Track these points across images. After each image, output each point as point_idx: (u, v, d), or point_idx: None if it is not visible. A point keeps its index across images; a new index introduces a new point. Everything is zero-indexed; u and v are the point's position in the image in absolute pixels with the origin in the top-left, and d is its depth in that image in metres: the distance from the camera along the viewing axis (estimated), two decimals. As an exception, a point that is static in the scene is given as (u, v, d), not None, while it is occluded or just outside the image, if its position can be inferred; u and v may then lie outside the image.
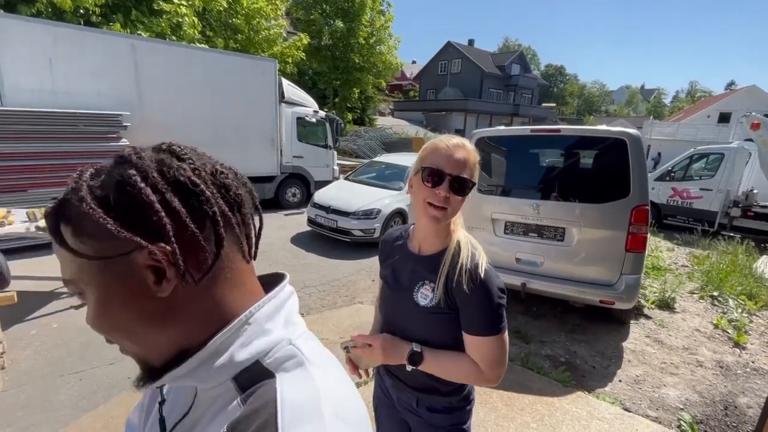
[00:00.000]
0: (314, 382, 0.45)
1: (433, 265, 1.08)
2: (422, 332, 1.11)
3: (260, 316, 0.48)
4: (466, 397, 1.23)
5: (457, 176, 1.01)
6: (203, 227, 0.44)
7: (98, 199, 0.41)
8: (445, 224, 1.07)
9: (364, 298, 4.43)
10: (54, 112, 5.33)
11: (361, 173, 7.83)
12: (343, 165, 12.01)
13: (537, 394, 2.73)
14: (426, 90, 40.17)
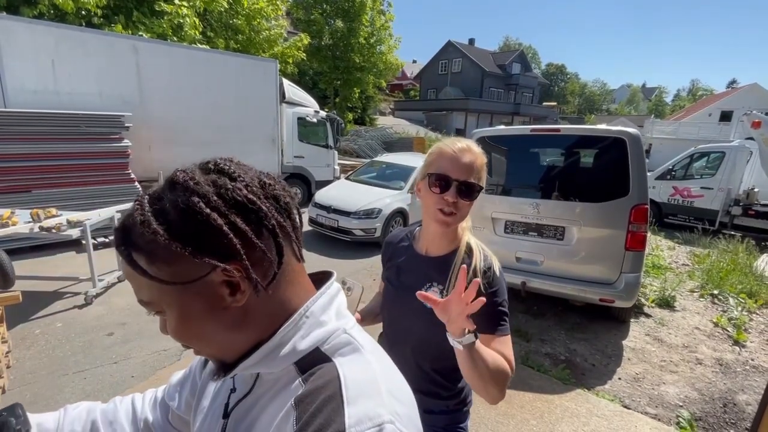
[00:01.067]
0: (370, 364, 0.50)
1: (441, 267, 1.07)
2: (427, 333, 1.09)
3: (316, 309, 0.53)
4: (463, 400, 1.22)
5: (464, 181, 1.00)
6: (265, 239, 0.48)
7: (169, 228, 0.43)
8: (455, 228, 1.07)
9: (366, 297, 4.44)
10: (57, 113, 5.37)
11: (361, 173, 7.85)
12: (344, 165, 12.02)
13: (537, 391, 2.75)
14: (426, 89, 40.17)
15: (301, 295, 0.54)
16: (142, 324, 3.58)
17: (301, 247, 0.56)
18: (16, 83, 5.38)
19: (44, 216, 3.88)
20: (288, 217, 0.52)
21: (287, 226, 0.51)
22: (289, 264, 0.52)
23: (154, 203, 0.46)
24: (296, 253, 0.54)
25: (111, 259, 4.52)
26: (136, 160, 6.04)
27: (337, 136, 9.74)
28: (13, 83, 5.36)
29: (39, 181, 5.23)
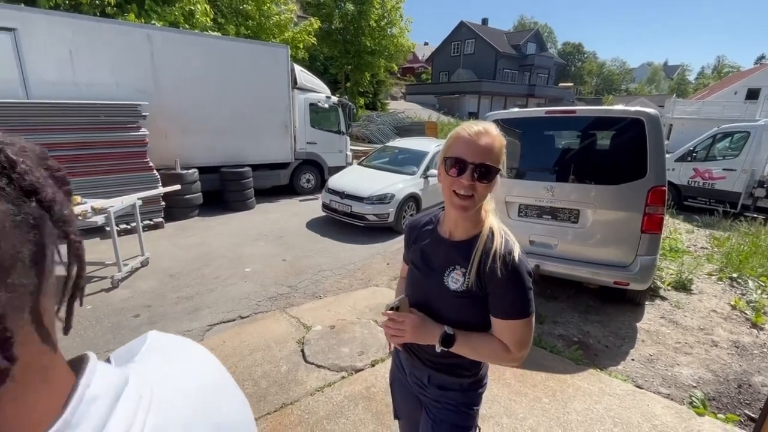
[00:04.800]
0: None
1: (464, 251, 1.10)
2: (451, 314, 1.13)
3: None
4: (479, 380, 1.25)
5: (480, 164, 1.01)
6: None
7: None
8: (476, 211, 1.09)
9: (379, 281, 4.53)
10: (77, 103, 5.50)
11: (374, 158, 7.86)
12: (356, 150, 12.03)
13: (549, 371, 2.80)
14: (439, 72, 39.47)
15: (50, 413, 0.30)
16: (167, 306, 3.74)
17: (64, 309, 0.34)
18: (36, 75, 5.52)
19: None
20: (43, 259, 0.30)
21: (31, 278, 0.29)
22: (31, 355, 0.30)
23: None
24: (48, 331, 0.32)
25: (134, 245, 4.69)
26: (153, 149, 6.17)
27: (349, 122, 9.72)
28: (34, 75, 5.50)
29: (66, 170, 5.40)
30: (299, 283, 4.41)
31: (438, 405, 1.24)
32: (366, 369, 2.86)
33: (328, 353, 3.04)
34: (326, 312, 3.72)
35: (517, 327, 1.06)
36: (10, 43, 5.31)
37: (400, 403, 1.44)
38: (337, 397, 2.54)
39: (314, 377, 2.76)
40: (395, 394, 1.45)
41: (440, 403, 1.24)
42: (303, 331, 3.37)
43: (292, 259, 5.09)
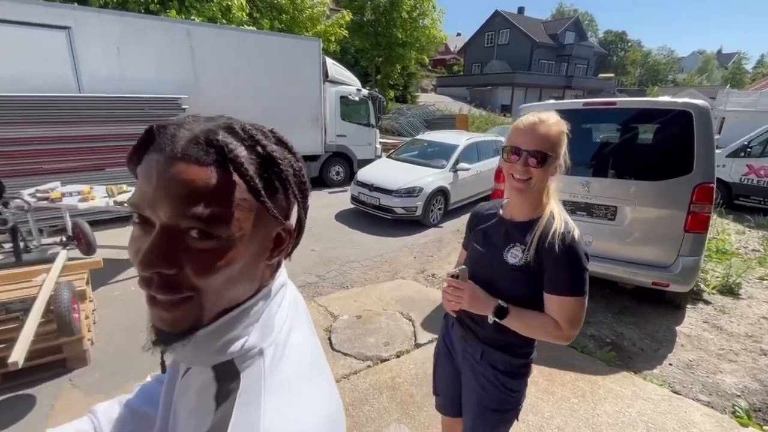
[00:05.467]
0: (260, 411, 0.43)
1: (524, 230, 1.20)
2: (508, 287, 1.22)
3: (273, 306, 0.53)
4: (527, 364, 1.31)
5: (533, 151, 1.12)
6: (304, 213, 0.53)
7: (258, 172, 0.45)
8: (536, 195, 1.18)
9: (406, 273, 4.54)
10: (124, 97, 5.82)
11: (403, 151, 7.84)
12: (385, 143, 12.03)
13: (579, 371, 2.73)
14: (471, 64, 38.61)
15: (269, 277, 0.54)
16: (203, 291, 3.92)
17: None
18: (88, 70, 5.87)
19: (117, 192, 4.30)
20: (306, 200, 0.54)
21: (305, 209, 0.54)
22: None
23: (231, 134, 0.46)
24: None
25: (174, 232, 4.94)
26: (192, 140, 6.43)
27: (378, 115, 9.73)
28: (86, 70, 5.86)
29: (111, 160, 5.75)
30: (327, 273, 4.50)
31: (484, 385, 1.32)
32: (391, 359, 2.90)
33: (354, 342, 3.10)
34: (353, 302, 3.79)
35: (569, 304, 1.13)
36: (65, 40, 5.68)
37: (441, 379, 1.53)
38: (363, 385, 2.60)
39: (340, 365, 2.82)
40: (438, 370, 1.55)
41: (487, 382, 1.31)
42: (330, 319, 3.45)
43: (320, 249, 5.20)
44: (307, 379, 0.51)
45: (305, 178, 0.52)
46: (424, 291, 4.08)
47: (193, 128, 0.45)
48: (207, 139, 0.43)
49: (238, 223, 0.44)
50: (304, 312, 0.61)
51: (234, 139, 0.45)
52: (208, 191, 0.42)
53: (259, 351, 0.48)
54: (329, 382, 0.56)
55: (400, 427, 2.23)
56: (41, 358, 2.53)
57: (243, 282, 0.48)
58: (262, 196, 0.44)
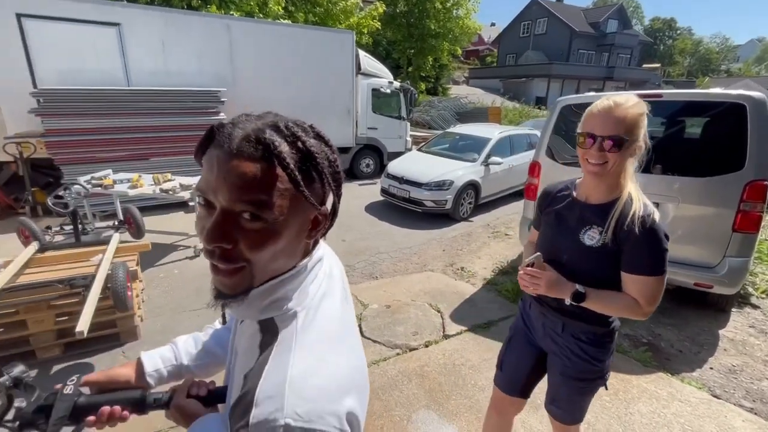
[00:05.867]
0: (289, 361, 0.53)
1: (601, 212, 1.22)
2: (584, 268, 1.25)
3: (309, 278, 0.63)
4: (611, 332, 1.33)
5: (607, 136, 1.13)
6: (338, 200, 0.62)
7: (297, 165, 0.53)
8: (613, 178, 1.20)
9: (435, 266, 4.57)
10: (169, 90, 6.13)
11: (434, 144, 7.81)
12: (416, 136, 11.98)
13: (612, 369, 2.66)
14: (505, 55, 37.52)
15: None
16: (240, 275, 4.11)
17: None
18: (136, 65, 6.22)
19: (163, 180, 4.56)
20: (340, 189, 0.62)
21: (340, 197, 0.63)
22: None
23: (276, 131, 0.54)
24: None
25: (213, 219, 5.19)
26: (229, 131, 6.68)
27: (410, 107, 9.70)
28: (134, 65, 6.20)
29: (156, 150, 6.09)
30: (357, 263, 4.60)
31: (568, 356, 1.36)
32: (420, 349, 2.95)
33: (384, 330, 3.17)
34: (382, 292, 3.86)
35: (649, 283, 1.16)
36: (116, 36, 6.03)
37: (511, 355, 1.58)
38: (392, 372, 2.67)
39: (370, 351, 2.91)
40: (510, 345, 1.59)
41: (571, 353, 1.35)
42: (360, 308, 3.54)
43: (351, 240, 5.30)
44: (333, 340, 0.59)
45: (339, 168, 0.60)
46: (453, 284, 4.10)
47: (246, 127, 0.53)
48: (257, 138, 0.51)
49: (281, 208, 0.52)
50: (340, 282, 0.71)
51: (278, 137, 0.53)
52: (257, 182, 0.50)
53: (294, 313, 0.59)
54: (353, 346, 0.63)
55: (428, 414, 2.29)
56: (98, 331, 2.77)
57: (285, 256, 0.58)
58: (300, 186, 0.52)
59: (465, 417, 2.28)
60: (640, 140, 1.15)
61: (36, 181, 5.81)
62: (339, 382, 0.54)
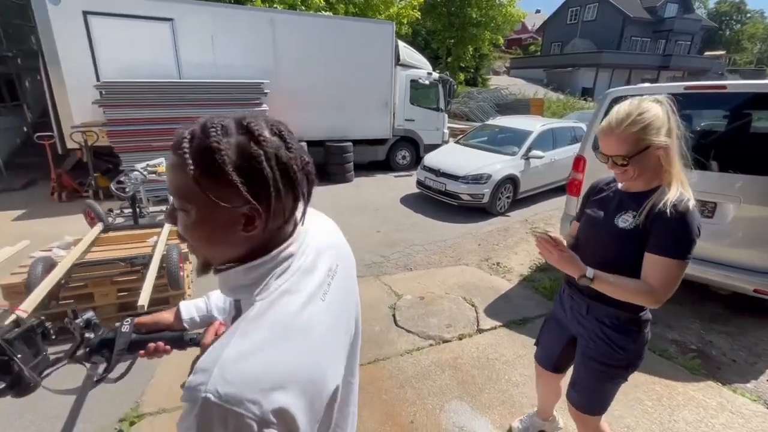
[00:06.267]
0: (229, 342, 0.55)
1: (638, 199, 1.27)
2: (614, 250, 1.31)
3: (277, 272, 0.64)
4: (637, 320, 1.35)
5: (613, 156, 1.23)
6: (288, 199, 0.61)
7: (231, 160, 0.55)
8: (646, 172, 1.24)
9: (469, 260, 4.53)
10: (216, 82, 6.42)
11: (472, 137, 7.67)
12: (453, 128, 11.81)
13: (655, 375, 2.57)
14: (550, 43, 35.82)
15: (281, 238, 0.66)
16: (280, 261, 4.29)
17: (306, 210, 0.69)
18: (187, 58, 6.55)
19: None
20: (309, 189, 0.64)
21: (307, 196, 0.64)
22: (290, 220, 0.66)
23: (227, 135, 0.57)
24: (299, 216, 0.68)
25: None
26: (271, 123, 6.91)
27: (448, 99, 9.55)
28: (185, 58, 6.54)
29: (204, 140, 6.40)
30: (392, 255, 4.65)
31: (592, 338, 1.42)
32: (453, 341, 2.97)
33: (417, 321, 3.21)
34: (416, 284, 3.90)
35: (668, 266, 1.18)
36: (169, 31, 6.38)
37: (546, 333, 1.70)
38: (425, 362, 2.71)
39: (404, 340, 2.96)
40: (547, 325, 1.71)
41: (595, 336, 1.40)
42: (394, 298, 3.59)
43: (386, 231, 5.36)
44: (282, 336, 0.58)
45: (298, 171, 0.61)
46: (488, 279, 4.06)
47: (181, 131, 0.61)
48: (176, 140, 0.58)
49: (192, 203, 0.59)
50: (321, 279, 0.69)
51: (192, 139, 0.58)
52: (173, 178, 0.60)
53: (253, 302, 0.61)
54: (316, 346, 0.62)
55: (461, 404, 2.31)
56: (153, 307, 3.00)
57: (221, 244, 0.63)
58: (201, 185, 0.56)
59: (498, 410, 2.28)
60: (657, 141, 1.18)
61: (97, 167, 6.32)
62: (272, 375, 0.54)
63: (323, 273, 0.70)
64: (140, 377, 2.52)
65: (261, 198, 0.57)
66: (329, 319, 0.67)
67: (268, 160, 0.56)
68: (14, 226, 5.21)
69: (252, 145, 0.56)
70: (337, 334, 0.70)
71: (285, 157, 0.59)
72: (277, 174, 0.58)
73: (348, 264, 0.81)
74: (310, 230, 0.72)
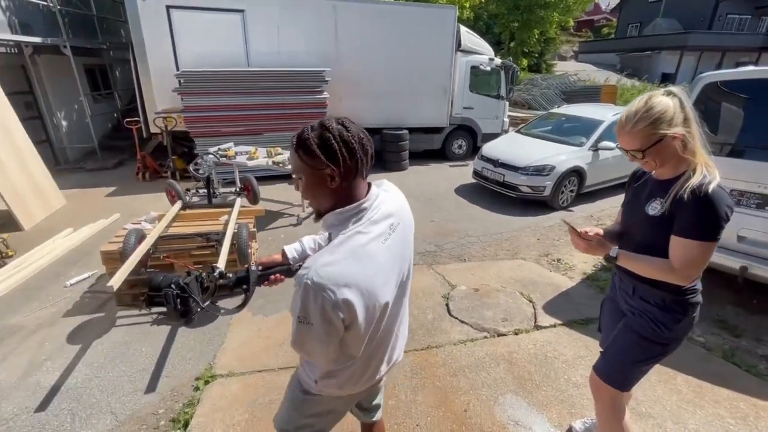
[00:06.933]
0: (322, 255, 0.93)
1: (666, 186, 1.31)
2: (645, 236, 1.38)
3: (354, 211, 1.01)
4: (683, 302, 1.37)
5: (628, 150, 1.32)
6: (352, 162, 0.95)
7: (317, 144, 0.93)
8: (669, 160, 1.29)
9: (527, 255, 4.37)
10: (281, 70, 6.67)
11: (534, 126, 7.29)
12: (514, 117, 11.29)
13: (740, 391, 2.32)
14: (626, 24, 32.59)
15: (357, 195, 1.01)
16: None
17: (368, 172, 1.02)
18: (255, 47, 6.87)
19: (274, 153, 5.06)
20: (365, 156, 0.97)
21: (364, 160, 0.98)
22: (358, 177, 0.99)
23: (313, 130, 0.95)
24: (363, 174, 1.00)
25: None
26: (329, 110, 7.07)
27: (510, 86, 9.12)
28: (253, 47, 6.86)
29: (269, 126, 6.73)
30: (445, 244, 4.61)
31: (635, 314, 1.46)
32: (509, 336, 2.90)
33: (472, 312, 3.17)
34: (470, 275, 3.84)
35: (687, 246, 1.23)
36: (240, 22, 6.72)
37: (605, 318, 1.73)
38: (479, 353, 2.68)
39: (457, 330, 2.95)
40: (603, 309, 1.76)
41: (638, 313, 1.45)
42: (448, 288, 3.58)
43: (439, 220, 5.32)
44: (351, 256, 0.92)
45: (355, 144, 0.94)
46: (548, 275, 3.89)
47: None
48: (296, 135, 0.98)
49: (302, 172, 0.99)
50: (383, 228, 1.01)
51: (302, 134, 0.96)
52: (293, 159, 0.99)
53: (337, 235, 0.97)
54: (374, 267, 0.96)
55: (516, 399, 2.27)
56: (224, 280, 3.26)
57: (320, 197, 1.01)
58: (303, 160, 0.96)
59: (556, 409, 2.21)
60: (671, 132, 1.23)
61: (174, 151, 6.90)
62: (343, 277, 0.89)
63: (386, 226, 1.02)
64: (213, 343, 2.77)
65: (335, 162, 0.93)
66: (386, 256, 1.00)
67: (334, 138, 0.92)
68: (107, 201, 5.89)
69: (325, 132, 0.93)
70: (391, 268, 1.03)
71: (345, 136, 0.93)
72: (342, 146, 0.92)
73: (407, 224, 1.12)
74: (381, 195, 1.06)
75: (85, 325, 2.98)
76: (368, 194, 1.02)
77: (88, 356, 2.64)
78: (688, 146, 1.26)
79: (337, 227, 0.99)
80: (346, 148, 0.92)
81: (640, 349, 1.44)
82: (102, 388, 2.38)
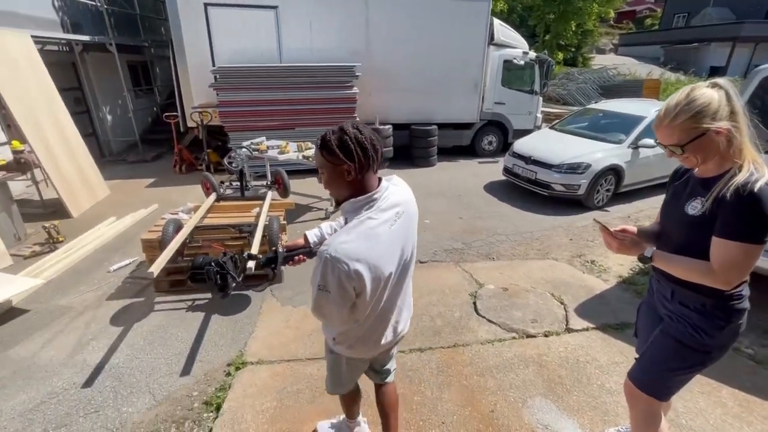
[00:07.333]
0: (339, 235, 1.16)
1: (707, 185, 1.24)
2: (684, 237, 1.31)
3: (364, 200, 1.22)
4: (726, 308, 1.28)
5: (667, 146, 1.25)
6: (365, 159, 1.15)
7: (337, 144, 1.14)
8: (712, 156, 1.21)
9: (559, 255, 4.23)
10: (313, 66, 6.75)
11: (569, 122, 7.01)
12: (547, 113, 10.93)
13: (793, 409, 2.16)
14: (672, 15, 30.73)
15: (370, 187, 1.22)
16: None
17: (379, 167, 1.22)
18: (287, 43, 6.97)
19: (305, 148, 5.13)
20: (376, 155, 1.17)
21: (375, 158, 1.18)
22: (370, 171, 1.20)
23: (333, 133, 1.15)
24: (374, 169, 1.21)
25: (342, 186, 5.70)
26: (359, 105, 7.09)
27: (545, 80, 8.81)
28: (286, 43, 6.96)
29: (299, 121, 6.83)
30: (474, 242, 4.54)
31: (673, 319, 1.40)
32: (538, 337, 2.83)
33: (500, 312, 3.11)
34: (498, 274, 3.76)
35: (727, 247, 1.15)
36: (274, 18, 6.83)
37: (642, 323, 1.66)
38: (507, 354, 2.63)
39: (485, 330, 2.90)
40: (639, 314, 1.69)
41: (677, 318, 1.38)
42: (476, 286, 3.52)
43: (468, 218, 5.24)
44: (362, 237, 1.14)
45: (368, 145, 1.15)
46: (581, 276, 3.75)
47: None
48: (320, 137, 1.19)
49: (324, 168, 1.20)
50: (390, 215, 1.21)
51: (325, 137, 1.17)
52: (318, 157, 1.21)
53: (353, 218, 1.19)
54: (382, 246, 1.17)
55: (545, 402, 2.21)
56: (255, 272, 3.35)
57: (339, 188, 1.22)
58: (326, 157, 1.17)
59: (588, 415, 2.13)
60: (714, 126, 1.15)
61: (209, 144, 7.14)
62: (355, 253, 1.10)
63: (393, 213, 1.22)
64: (244, 331, 2.86)
65: (351, 159, 1.13)
66: (392, 238, 1.21)
67: (351, 140, 1.13)
68: (147, 192, 6.18)
69: (343, 135, 1.14)
70: (395, 248, 1.24)
71: (360, 138, 1.14)
72: (357, 147, 1.13)
73: (411, 214, 1.32)
74: (390, 188, 1.26)
75: (127, 309, 3.15)
76: (379, 186, 1.23)
77: (129, 338, 2.80)
78: (734, 142, 1.17)
79: (352, 213, 1.20)
80: (360, 148, 1.13)
81: (677, 356, 1.37)
82: (141, 368, 2.51)
